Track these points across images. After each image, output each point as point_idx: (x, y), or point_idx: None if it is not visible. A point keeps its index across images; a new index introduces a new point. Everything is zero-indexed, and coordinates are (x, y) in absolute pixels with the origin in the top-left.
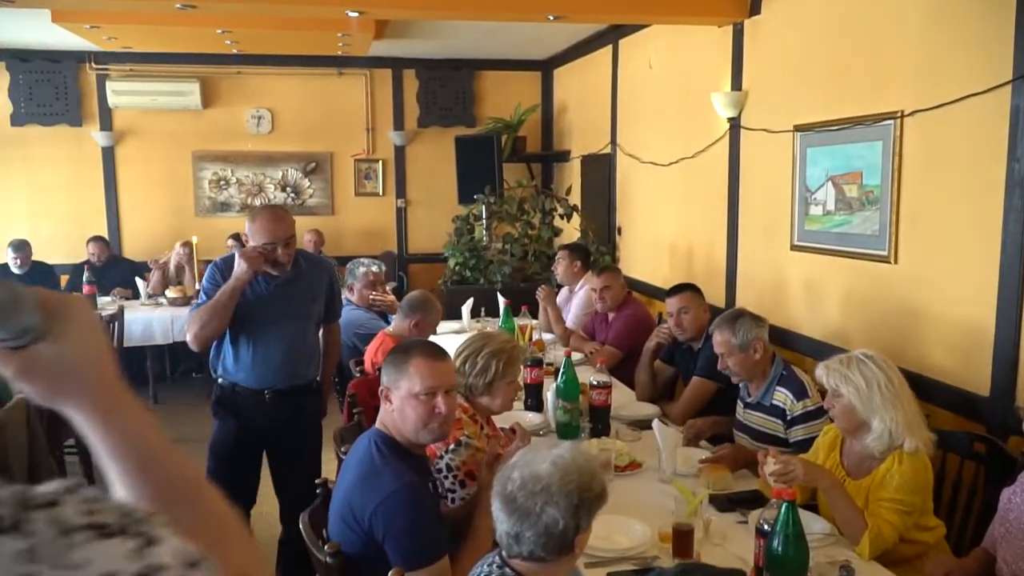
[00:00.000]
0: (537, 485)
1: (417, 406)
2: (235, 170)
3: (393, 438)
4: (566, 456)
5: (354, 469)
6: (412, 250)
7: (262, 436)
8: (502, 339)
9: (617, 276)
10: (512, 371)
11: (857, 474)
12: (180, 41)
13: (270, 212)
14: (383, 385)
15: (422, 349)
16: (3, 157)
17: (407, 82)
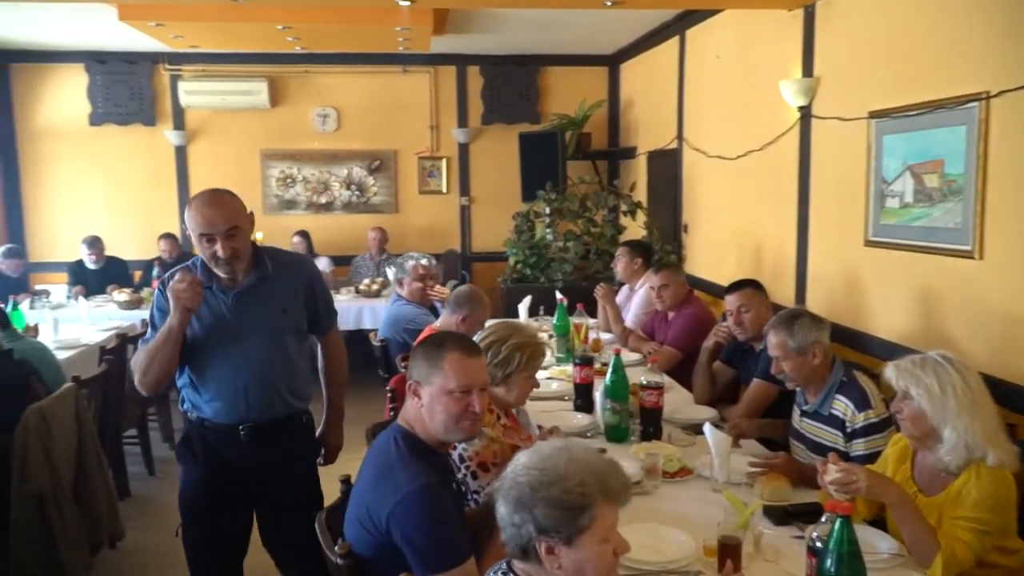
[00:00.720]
0: (507, 469)
1: (450, 404)
2: (301, 168)
3: (415, 435)
4: (555, 445)
5: (372, 467)
6: (475, 248)
7: (242, 485)
8: (529, 333)
9: (677, 274)
10: (533, 367)
11: (930, 490)
12: (244, 39)
13: (206, 195)
14: (412, 379)
15: (457, 344)
16: (82, 155)
17: (471, 79)
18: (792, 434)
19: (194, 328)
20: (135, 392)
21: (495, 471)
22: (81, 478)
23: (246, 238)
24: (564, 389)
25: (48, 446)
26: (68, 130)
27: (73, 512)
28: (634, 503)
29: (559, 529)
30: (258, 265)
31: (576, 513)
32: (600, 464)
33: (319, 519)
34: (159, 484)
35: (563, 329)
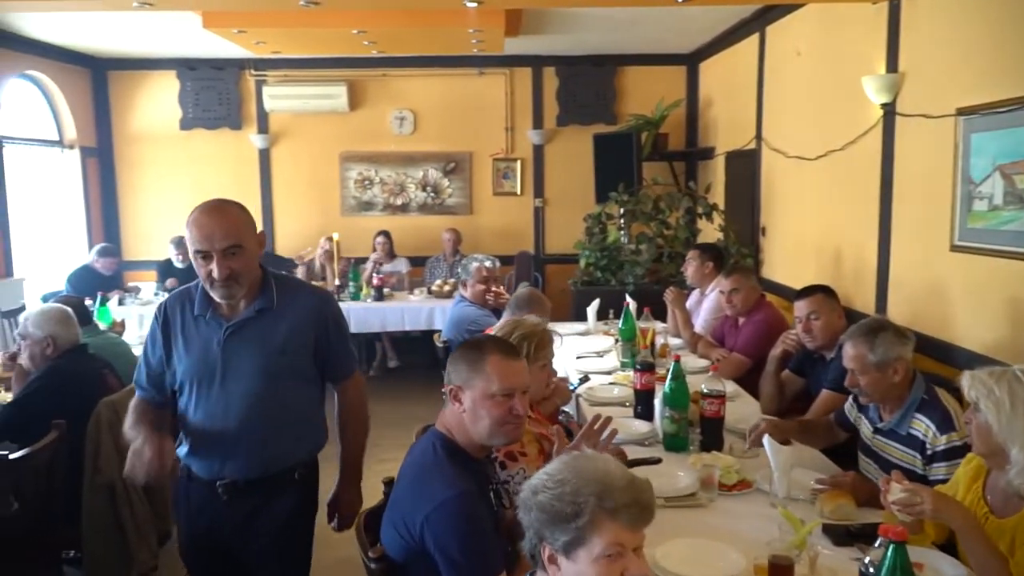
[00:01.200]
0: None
1: (493, 407)
2: (379, 170)
3: (454, 441)
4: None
5: (409, 472)
6: (549, 250)
7: (225, 549)
8: (532, 322)
9: (747, 278)
10: (543, 354)
11: (1003, 512)
12: (323, 44)
13: (207, 205)
14: (452, 384)
15: (497, 347)
16: (172, 159)
17: (547, 80)
18: (862, 448)
19: (178, 359)
20: None
21: (522, 460)
22: None
23: (250, 259)
24: (626, 395)
25: (119, 438)
26: (160, 134)
27: (142, 504)
28: (688, 516)
29: (556, 537)
30: (262, 294)
31: (567, 521)
32: (609, 478)
33: (358, 521)
34: None
35: (629, 333)
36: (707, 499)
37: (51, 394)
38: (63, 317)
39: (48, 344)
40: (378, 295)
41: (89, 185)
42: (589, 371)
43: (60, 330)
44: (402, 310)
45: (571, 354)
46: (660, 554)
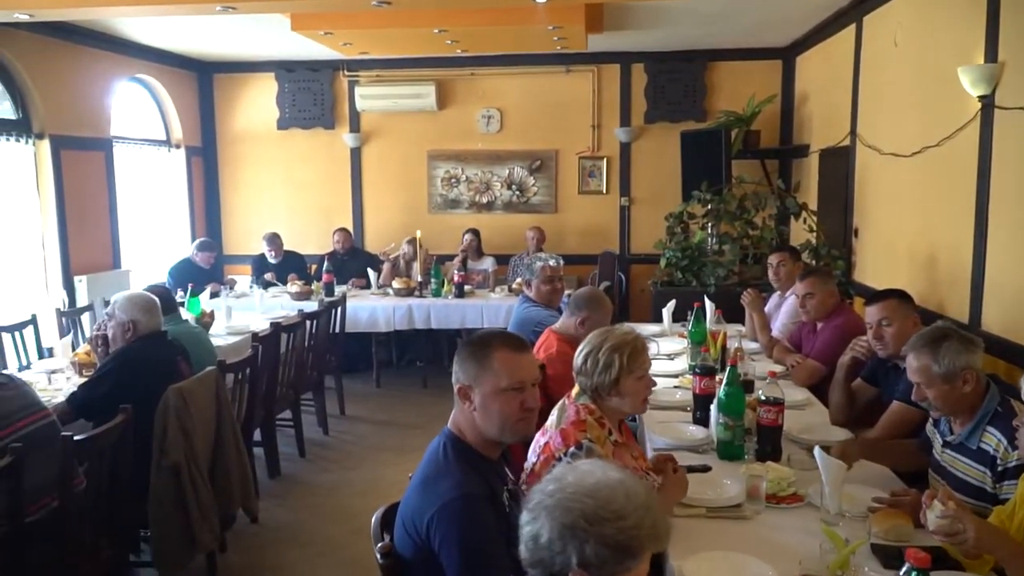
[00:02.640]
0: (551, 485)
1: (504, 402)
2: (465, 168)
3: (464, 441)
4: (612, 475)
5: (421, 471)
6: (634, 250)
7: None
8: (622, 331)
9: (824, 282)
10: (638, 365)
11: None
12: (408, 44)
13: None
14: (460, 383)
15: (504, 340)
16: (269, 158)
17: (635, 76)
18: (932, 466)
19: None
20: (290, 376)
21: None
22: (218, 455)
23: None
24: (688, 399)
25: (185, 423)
26: (259, 134)
27: (205, 487)
28: (730, 528)
29: (603, 566)
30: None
31: (626, 555)
32: (655, 507)
33: (376, 516)
34: (308, 466)
35: (699, 336)
36: (752, 511)
37: (122, 376)
38: (147, 305)
39: (129, 328)
40: (459, 292)
41: (193, 183)
42: (658, 374)
43: (142, 316)
44: (481, 308)
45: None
46: (690, 568)
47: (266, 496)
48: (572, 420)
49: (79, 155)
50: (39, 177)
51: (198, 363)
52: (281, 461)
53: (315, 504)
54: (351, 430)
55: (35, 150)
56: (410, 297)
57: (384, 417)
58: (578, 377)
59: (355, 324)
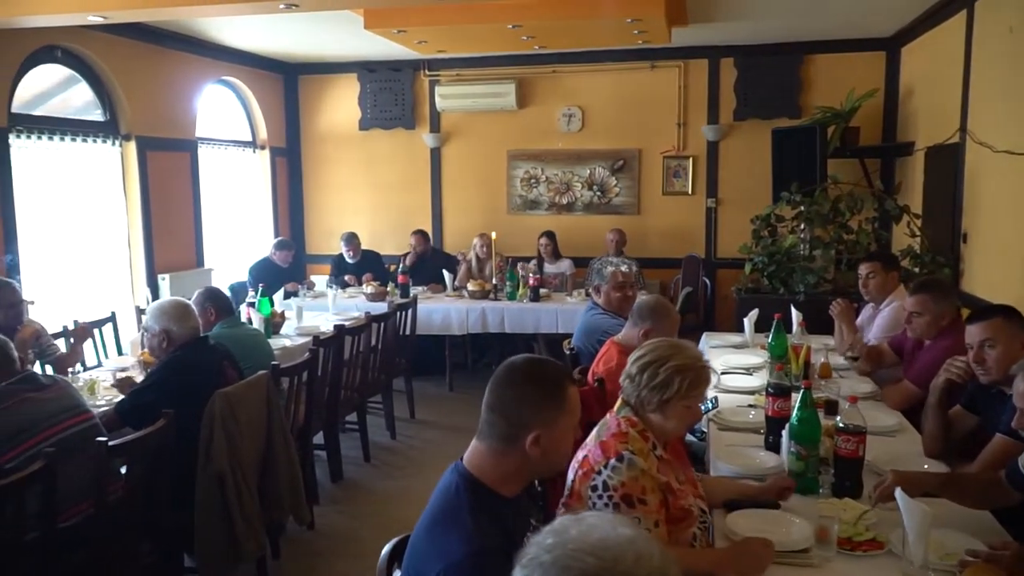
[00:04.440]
0: (550, 538)
1: (569, 441)
2: (545, 168)
3: (480, 482)
4: (622, 532)
5: (430, 511)
6: (721, 254)
7: None
8: (692, 354)
9: (936, 301)
10: (695, 394)
11: None
12: (483, 42)
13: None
14: (530, 429)
15: (569, 375)
16: (351, 158)
17: (724, 71)
18: None
19: None
20: (355, 380)
21: (640, 509)
22: (268, 461)
23: None
24: (763, 421)
25: (230, 429)
26: (341, 135)
27: (251, 494)
28: None
29: None
30: None
31: None
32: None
33: (385, 549)
34: (372, 472)
35: (779, 350)
36: (820, 558)
37: (166, 384)
38: (179, 313)
39: (163, 338)
40: (534, 295)
41: (277, 183)
42: (734, 388)
43: (174, 325)
44: (556, 312)
45: (715, 369)
46: None
47: (326, 501)
48: (613, 432)
49: (165, 156)
50: (125, 178)
51: (254, 365)
52: (345, 465)
53: (374, 512)
54: (419, 435)
55: (122, 151)
56: (484, 300)
57: (454, 422)
58: (624, 382)
59: (428, 326)
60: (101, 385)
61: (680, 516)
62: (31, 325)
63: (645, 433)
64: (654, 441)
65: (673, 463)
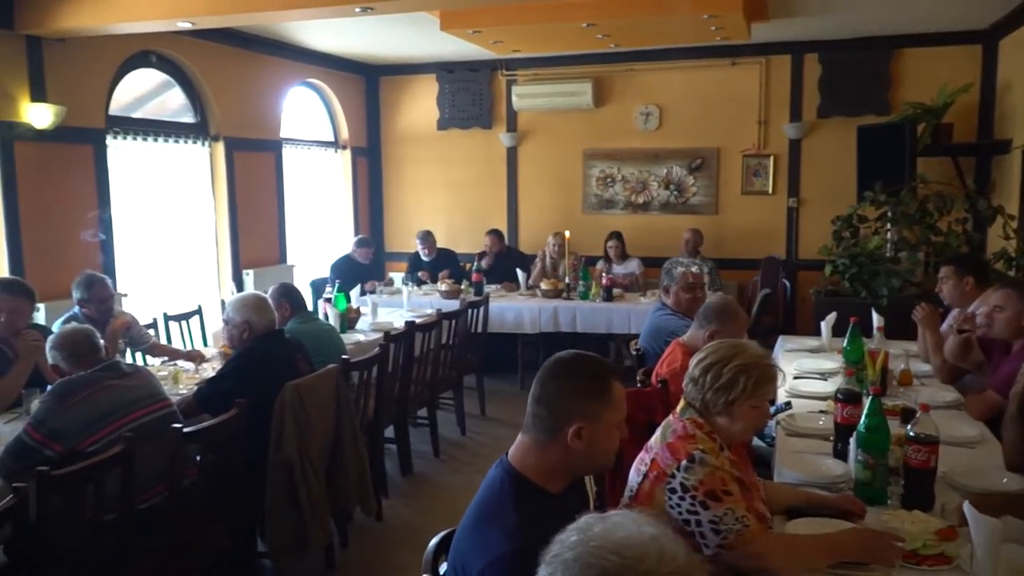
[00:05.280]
0: (574, 536)
1: (614, 437)
2: (621, 167)
3: (527, 478)
4: (646, 530)
5: (475, 505)
6: (803, 255)
7: None
8: (756, 353)
9: (1020, 298)
10: (761, 394)
11: None
12: (558, 41)
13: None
14: (577, 422)
15: (613, 370)
16: (428, 158)
17: (808, 67)
18: None
19: None
20: (425, 375)
21: (728, 500)
22: (336, 452)
23: None
24: (832, 428)
25: (300, 420)
26: (420, 135)
27: (319, 484)
28: None
29: None
30: None
31: None
32: (694, 568)
33: (433, 541)
34: (441, 466)
35: (855, 355)
36: (883, 571)
37: (241, 373)
38: (259, 305)
39: (245, 329)
40: (607, 295)
41: (358, 182)
42: (807, 393)
43: (255, 316)
44: (629, 312)
45: (789, 373)
46: None
47: (395, 494)
48: (679, 435)
49: (251, 156)
50: (214, 177)
51: (326, 359)
52: (414, 459)
53: (441, 506)
54: (489, 431)
55: (210, 151)
56: (557, 299)
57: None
58: (688, 385)
59: (501, 324)
60: (184, 375)
61: (756, 518)
62: (122, 317)
63: (712, 435)
64: (722, 443)
65: (739, 465)
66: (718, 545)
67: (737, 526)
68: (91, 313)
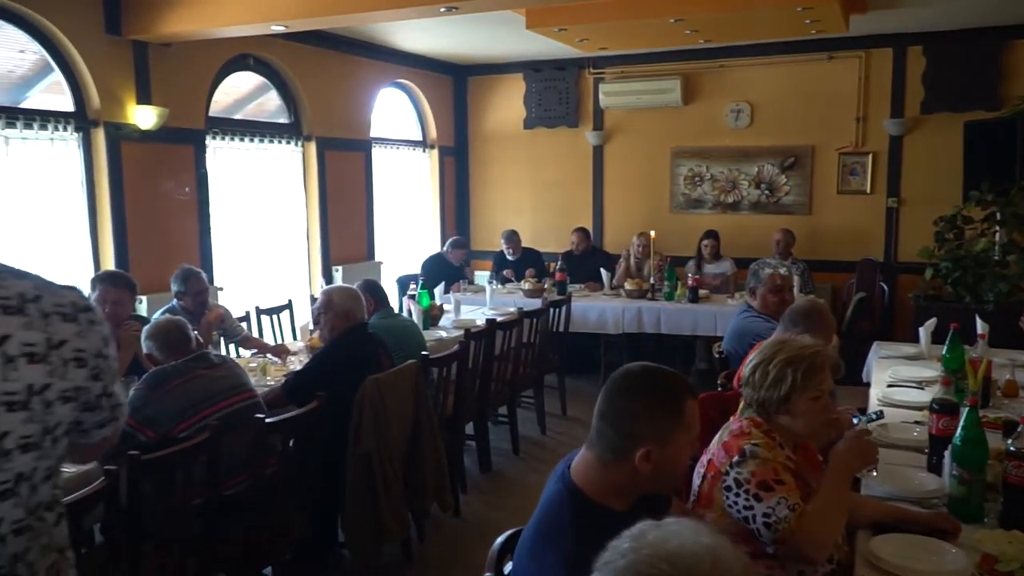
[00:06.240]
0: (626, 543)
1: (684, 456)
2: (710, 166)
3: (589, 498)
4: (703, 540)
5: (535, 520)
6: (902, 257)
7: None
8: (800, 344)
9: None
10: (815, 384)
11: None
12: (646, 38)
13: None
14: (645, 444)
15: (688, 388)
16: (515, 157)
17: (911, 61)
18: None
19: None
20: (506, 373)
21: (781, 489)
22: (414, 447)
23: None
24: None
25: (379, 414)
26: (507, 134)
27: (396, 477)
28: None
29: None
30: None
31: None
32: None
33: (498, 540)
34: (520, 465)
35: (954, 363)
36: None
37: (327, 366)
38: (358, 296)
39: (343, 317)
40: (693, 296)
41: (445, 181)
42: (901, 402)
43: (355, 305)
44: (715, 314)
45: (883, 381)
46: None
47: (474, 491)
48: (735, 433)
49: (341, 155)
50: (306, 176)
51: (406, 355)
52: (494, 457)
53: (520, 505)
54: (569, 431)
55: (303, 151)
56: (641, 299)
57: None
58: (744, 388)
59: (584, 324)
60: (272, 367)
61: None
62: (216, 309)
63: (771, 433)
64: (781, 443)
65: (805, 467)
66: (773, 540)
67: (787, 513)
68: (187, 305)
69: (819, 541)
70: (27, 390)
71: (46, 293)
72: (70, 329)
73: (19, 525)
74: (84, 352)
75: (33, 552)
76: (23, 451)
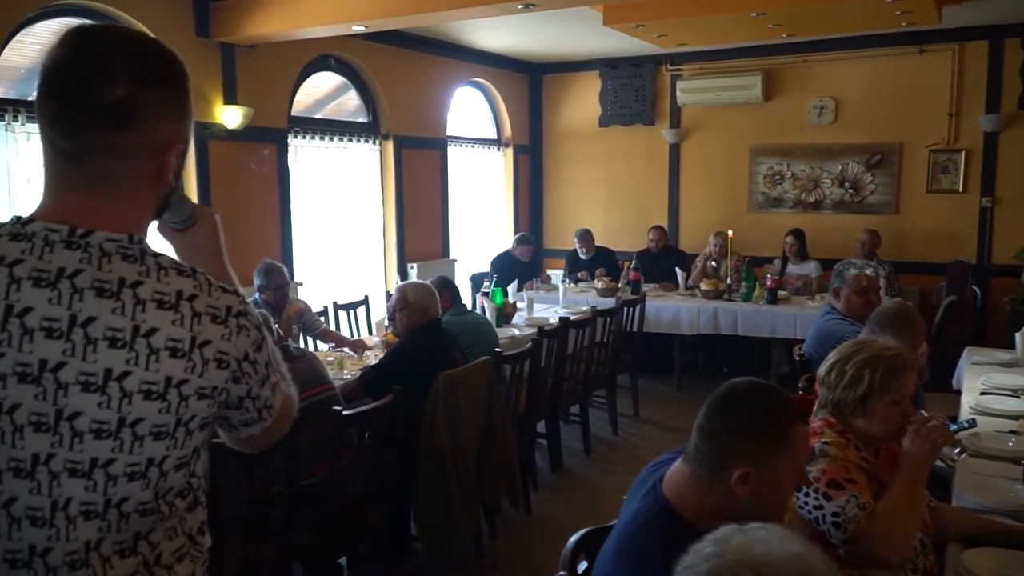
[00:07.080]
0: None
1: (791, 484)
2: (791, 164)
3: (679, 515)
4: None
5: (620, 533)
6: (996, 260)
7: None
8: (882, 346)
9: None
10: (894, 387)
11: None
12: (726, 33)
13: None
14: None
15: (798, 412)
16: (591, 154)
17: (1009, 54)
18: None
19: None
20: (578, 372)
21: (851, 488)
22: (486, 444)
23: None
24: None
25: (452, 409)
26: (582, 131)
27: (468, 473)
28: None
29: None
30: None
31: None
32: None
33: (572, 539)
34: (591, 464)
35: None
36: None
37: (403, 361)
38: (432, 292)
39: (418, 313)
40: (771, 298)
41: (520, 179)
42: (995, 411)
43: (430, 302)
44: (795, 316)
45: (975, 388)
46: None
47: (545, 489)
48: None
49: (418, 154)
50: (383, 174)
51: (479, 352)
52: (565, 456)
53: (592, 504)
54: (642, 432)
55: (380, 150)
56: (718, 300)
57: (679, 423)
58: (820, 388)
59: (657, 324)
60: (349, 360)
61: None
62: (296, 303)
63: (845, 434)
64: (857, 444)
65: (886, 471)
66: (843, 540)
67: (857, 512)
68: (269, 299)
69: (891, 541)
70: (165, 382)
71: (202, 293)
72: (217, 331)
73: (145, 507)
74: (227, 355)
75: (157, 533)
76: (155, 439)
